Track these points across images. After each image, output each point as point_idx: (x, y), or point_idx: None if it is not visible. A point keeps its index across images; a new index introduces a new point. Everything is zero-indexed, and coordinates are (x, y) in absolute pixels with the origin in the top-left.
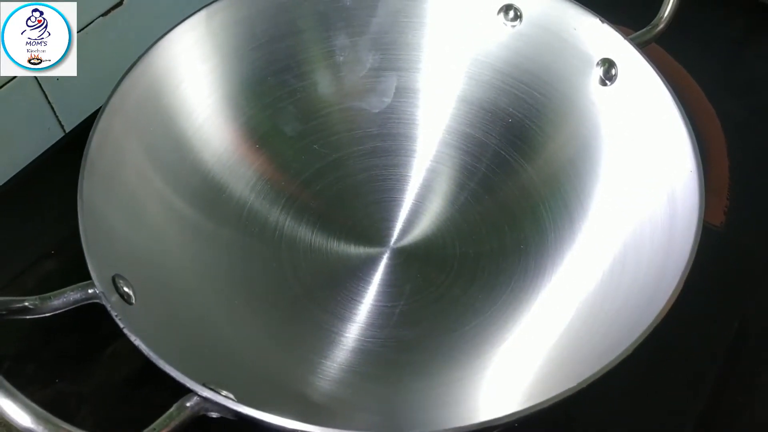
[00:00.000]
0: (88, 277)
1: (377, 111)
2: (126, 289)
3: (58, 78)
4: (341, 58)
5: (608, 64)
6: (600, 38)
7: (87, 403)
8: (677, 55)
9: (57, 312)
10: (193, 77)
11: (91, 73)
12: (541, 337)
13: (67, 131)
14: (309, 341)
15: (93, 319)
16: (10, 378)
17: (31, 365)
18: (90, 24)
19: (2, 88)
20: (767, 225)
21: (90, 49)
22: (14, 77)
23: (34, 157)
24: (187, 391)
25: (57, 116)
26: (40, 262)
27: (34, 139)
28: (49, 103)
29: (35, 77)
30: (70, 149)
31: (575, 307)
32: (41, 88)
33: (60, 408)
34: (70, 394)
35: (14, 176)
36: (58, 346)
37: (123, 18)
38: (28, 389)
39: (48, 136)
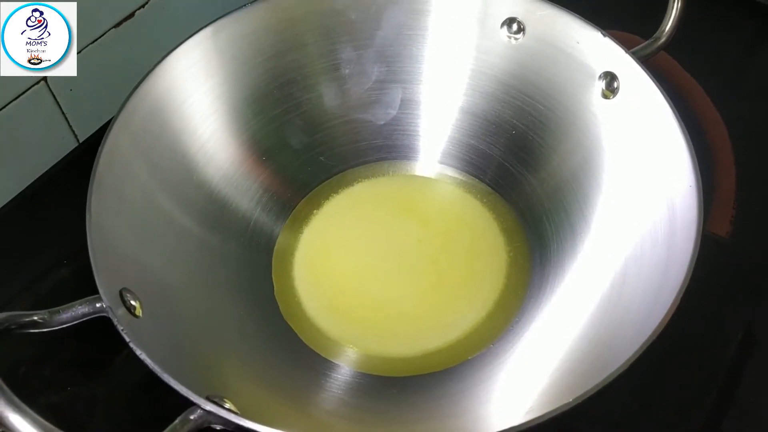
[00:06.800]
0: None
1: (382, 123)
2: (133, 302)
3: (71, 89)
4: (346, 71)
5: (610, 78)
6: (602, 52)
7: (102, 407)
8: (684, 63)
9: (65, 326)
10: (199, 93)
11: (105, 83)
12: (543, 350)
13: (80, 141)
14: (314, 355)
15: (108, 323)
16: (26, 382)
17: (47, 369)
18: (103, 35)
19: (17, 99)
20: None
21: (103, 59)
22: (29, 88)
23: (48, 167)
24: (192, 404)
25: (71, 126)
26: (53, 272)
27: (48, 149)
28: (62, 113)
29: (49, 88)
30: (84, 159)
31: (576, 319)
32: (55, 98)
33: (75, 412)
34: (85, 398)
35: (29, 186)
36: (73, 351)
37: (135, 29)
38: (43, 393)
39: (62, 146)
